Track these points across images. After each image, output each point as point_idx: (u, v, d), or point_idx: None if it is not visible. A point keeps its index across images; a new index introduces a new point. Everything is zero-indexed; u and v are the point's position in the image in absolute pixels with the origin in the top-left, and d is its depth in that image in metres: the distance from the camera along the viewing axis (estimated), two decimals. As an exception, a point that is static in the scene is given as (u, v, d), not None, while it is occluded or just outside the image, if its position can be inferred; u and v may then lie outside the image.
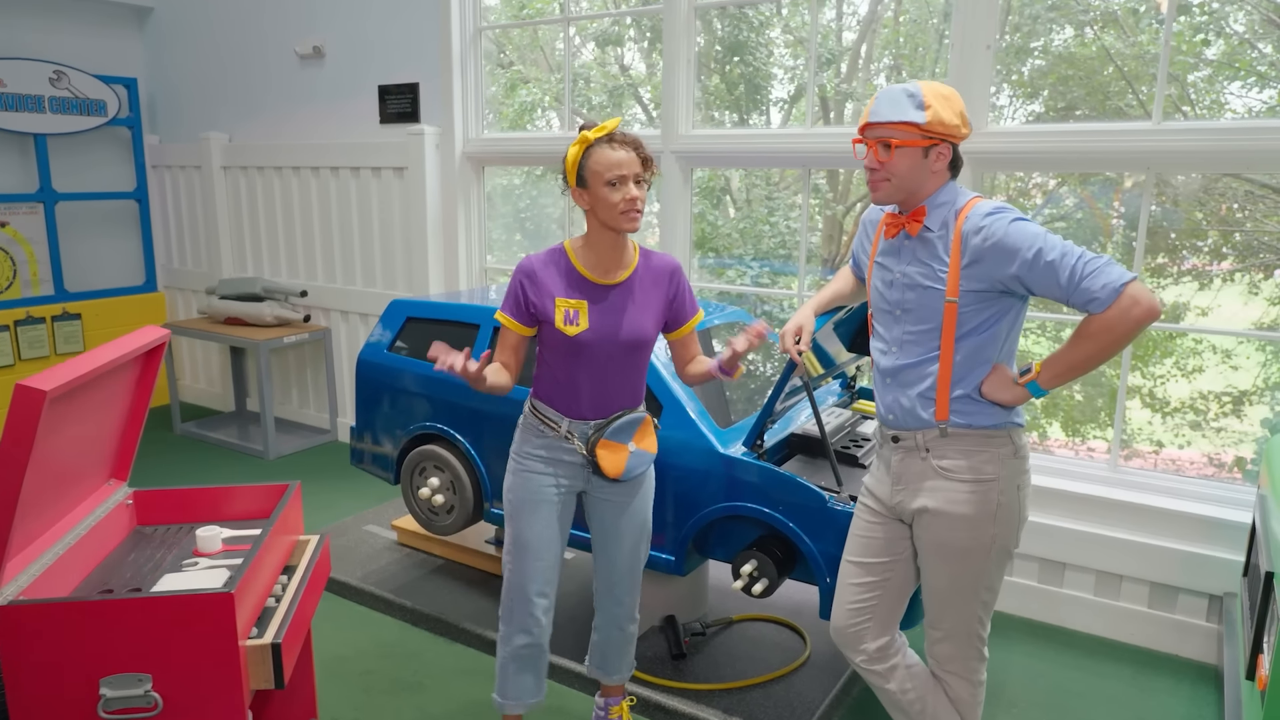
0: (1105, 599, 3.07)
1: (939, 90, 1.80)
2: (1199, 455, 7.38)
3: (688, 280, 2.18)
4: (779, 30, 6.95)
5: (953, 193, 1.86)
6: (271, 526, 2.01)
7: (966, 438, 1.86)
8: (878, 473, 2.03)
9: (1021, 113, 7.00)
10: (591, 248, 2.07)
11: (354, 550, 3.57)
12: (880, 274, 1.96)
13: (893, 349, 1.93)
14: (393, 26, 4.55)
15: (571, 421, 2.11)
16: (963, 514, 1.86)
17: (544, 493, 2.14)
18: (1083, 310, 1.72)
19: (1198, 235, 6.91)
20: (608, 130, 2.00)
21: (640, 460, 2.15)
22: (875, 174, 1.84)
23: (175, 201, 5.84)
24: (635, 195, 1.97)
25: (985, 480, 1.86)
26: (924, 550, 1.95)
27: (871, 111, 1.82)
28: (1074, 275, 1.69)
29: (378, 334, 3.16)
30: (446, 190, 4.53)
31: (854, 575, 2.05)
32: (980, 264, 1.77)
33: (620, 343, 2.06)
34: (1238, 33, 6.26)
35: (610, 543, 2.23)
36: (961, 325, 1.83)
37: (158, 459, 4.85)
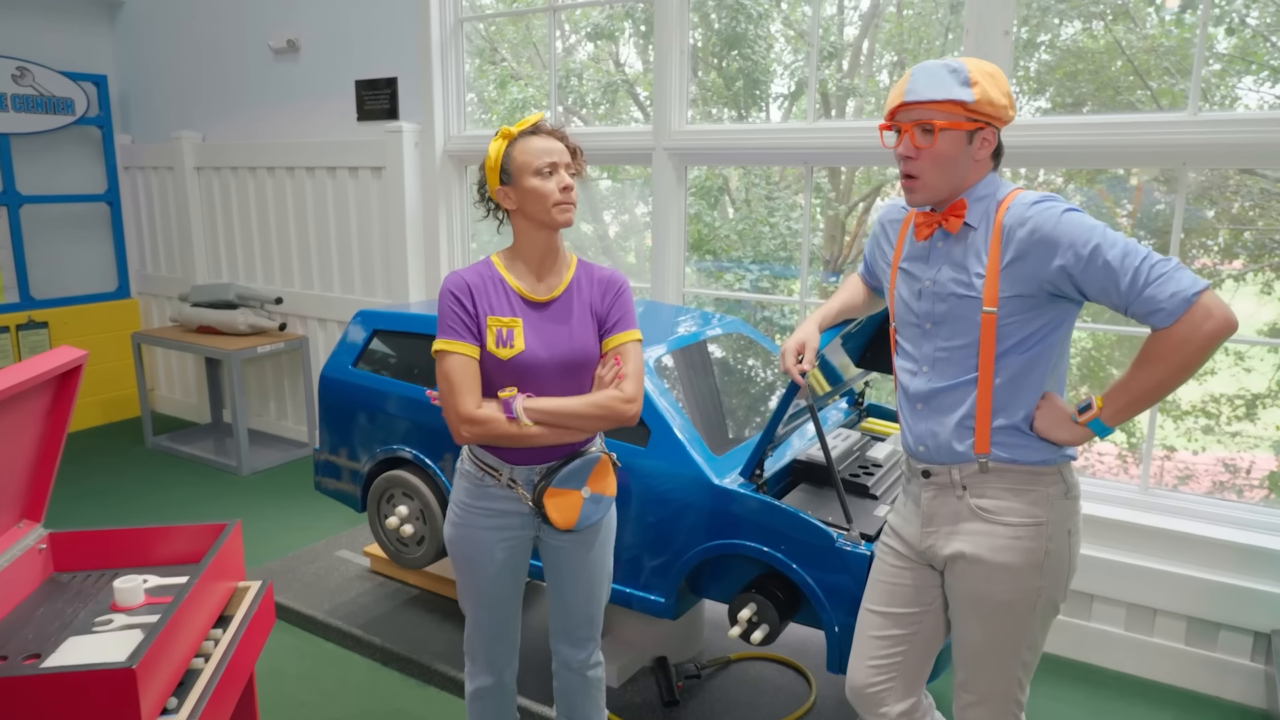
0: (1138, 634, 2.82)
1: (984, 67, 1.55)
2: (1213, 460, 7.14)
3: (629, 298, 1.93)
4: (779, 23, 6.69)
5: (994, 184, 1.61)
6: (200, 575, 1.76)
7: (1010, 474, 1.61)
8: (905, 511, 1.77)
9: (1028, 109, 6.76)
10: (522, 257, 1.85)
11: (323, 579, 3.32)
12: (906, 282, 1.70)
13: (923, 369, 1.67)
14: (370, 17, 4.29)
15: (514, 468, 1.86)
16: (1004, 562, 1.60)
17: (491, 548, 1.90)
18: (1144, 322, 1.46)
19: (1207, 234, 6.67)
20: (532, 122, 1.84)
21: (597, 507, 1.89)
22: (911, 164, 1.58)
23: (148, 204, 5.58)
24: (569, 183, 1.79)
25: (1031, 524, 1.60)
26: (957, 602, 1.69)
27: (908, 89, 1.55)
28: (1137, 280, 1.43)
29: (342, 348, 2.90)
30: (427, 191, 4.27)
31: (876, 627, 1.79)
32: (1024, 261, 1.52)
33: (561, 364, 1.82)
34: (1250, 25, 6.03)
35: (565, 587, 2.00)
36: (1002, 340, 1.57)
37: (125, 475, 4.59)
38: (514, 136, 1.81)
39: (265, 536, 3.81)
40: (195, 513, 4.09)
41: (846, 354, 2.31)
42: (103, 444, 5.13)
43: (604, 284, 1.90)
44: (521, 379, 1.80)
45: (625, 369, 1.84)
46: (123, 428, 5.43)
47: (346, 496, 2.91)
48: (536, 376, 1.80)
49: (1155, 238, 6.81)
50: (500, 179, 1.81)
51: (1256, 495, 6.94)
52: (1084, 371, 7.20)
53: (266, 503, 4.22)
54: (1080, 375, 7.21)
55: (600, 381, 1.85)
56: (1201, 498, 2.83)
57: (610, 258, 8.06)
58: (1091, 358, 7.12)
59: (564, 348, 1.82)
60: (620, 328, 1.88)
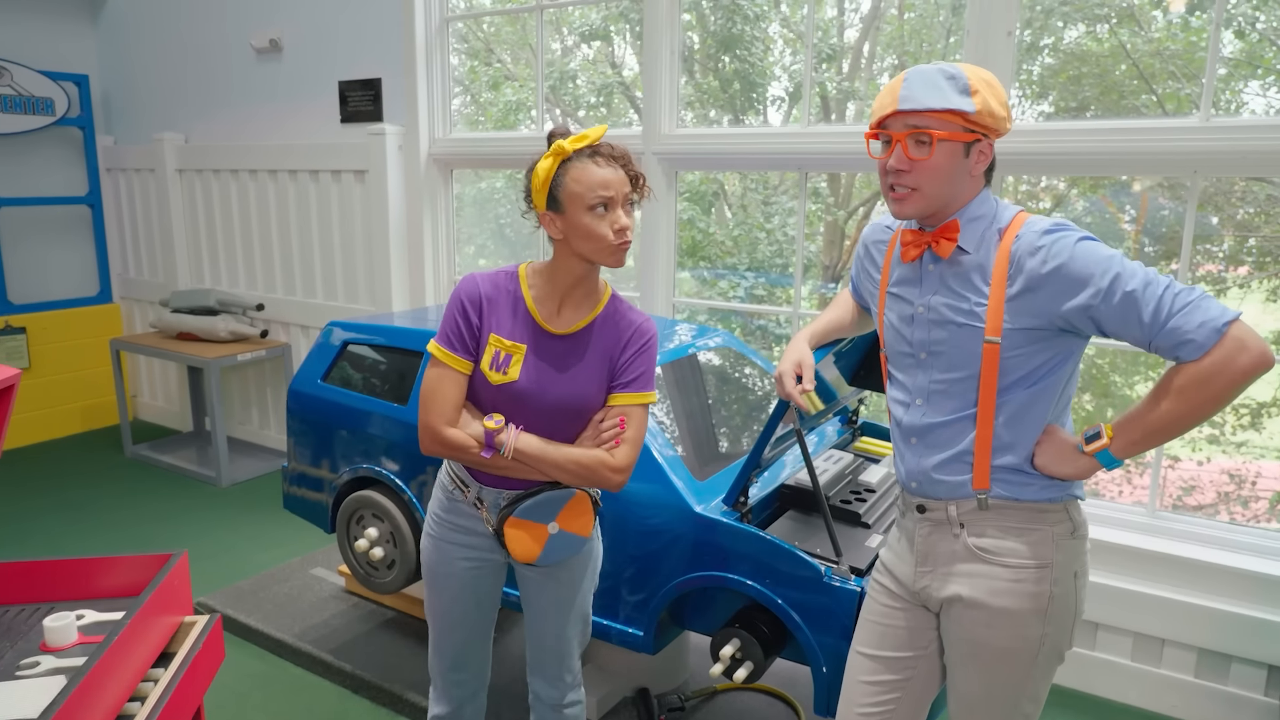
0: (1145, 665, 2.68)
1: (982, 74, 1.41)
2: (1218, 470, 7.01)
3: (653, 353, 1.72)
4: (777, 24, 6.57)
5: (990, 204, 1.47)
6: (136, 611, 1.63)
7: (1011, 512, 1.48)
8: (898, 547, 1.64)
9: (1031, 113, 6.64)
10: (553, 282, 1.67)
11: (296, 600, 3.19)
12: (896, 307, 1.56)
13: (917, 401, 1.53)
14: (354, 16, 4.17)
15: (482, 487, 1.74)
16: (1004, 607, 1.47)
17: (455, 565, 1.79)
18: (1170, 356, 1.33)
19: (1212, 240, 6.55)
20: (590, 140, 1.60)
21: (564, 545, 1.73)
22: (903, 177, 1.43)
23: (130, 207, 5.46)
24: (626, 224, 1.59)
25: (1034, 566, 1.47)
26: (954, 649, 1.55)
27: (902, 96, 1.41)
28: (1160, 311, 1.30)
29: (312, 360, 2.77)
30: (411, 195, 4.14)
31: (866, 671, 1.65)
32: (1036, 294, 1.38)
33: (554, 406, 1.67)
34: (1259, 30, 5.91)
35: (537, 621, 1.88)
36: (1006, 374, 1.43)
37: (101, 487, 4.46)
38: (568, 155, 1.59)
39: (239, 553, 3.68)
40: (170, 527, 3.97)
41: (840, 371, 2.18)
42: (80, 453, 5.01)
43: (631, 332, 1.71)
44: (507, 408, 1.67)
45: (627, 433, 1.68)
46: (102, 436, 5.31)
47: (315, 516, 2.78)
48: (524, 410, 1.66)
49: (1161, 244, 6.69)
50: (547, 203, 1.61)
51: (1262, 507, 6.81)
52: (1086, 380, 7.08)
53: (244, 516, 4.09)
54: (1083, 383, 7.08)
55: (596, 431, 1.69)
56: (1212, 522, 2.70)
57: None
58: (1094, 365, 7.01)
59: (561, 390, 1.67)
60: (634, 387, 1.70)
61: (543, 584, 1.82)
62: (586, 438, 1.69)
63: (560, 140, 1.59)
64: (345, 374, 2.70)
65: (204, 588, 3.32)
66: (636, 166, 1.63)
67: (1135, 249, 6.64)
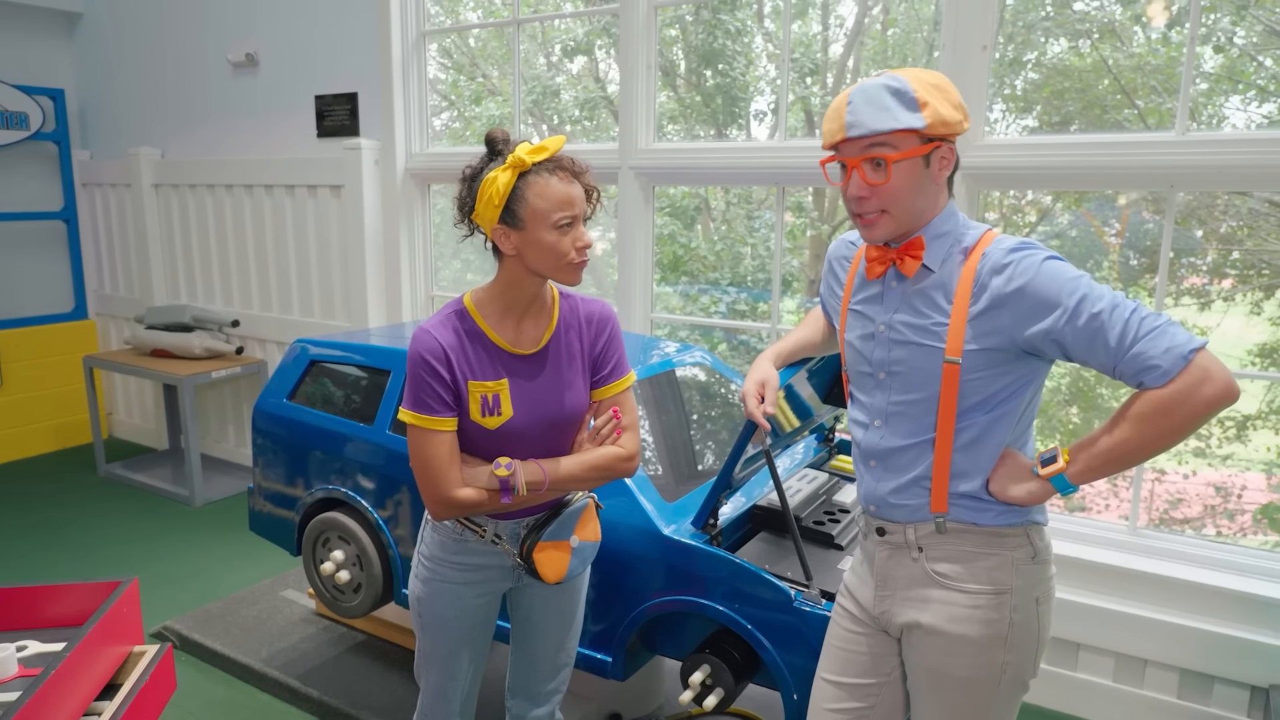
0: (1127, 686, 2.64)
1: (928, 79, 1.36)
2: (1203, 483, 7.00)
3: (620, 333, 1.74)
4: (760, 39, 6.57)
5: (956, 220, 1.43)
6: (79, 641, 1.57)
7: (970, 536, 1.43)
8: (861, 570, 1.59)
9: (1014, 128, 6.66)
10: (507, 303, 1.62)
11: (265, 623, 3.12)
12: (858, 325, 1.52)
13: (875, 423, 1.49)
14: (330, 30, 4.14)
15: (499, 523, 1.70)
16: (964, 634, 1.42)
17: (465, 605, 1.73)
18: (1133, 382, 1.29)
19: (1195, 253, 6.57)
20: (551, 153, 1.54)
21: (584, 555, 1.76)
22: (866, 203, 1.38)
23: (106, 222, 5.40)
24: (589, 241, 1.57)
25: (992, 592, 1.42)
26: (915, 676, 1.51)
27: (848, 123, 1.34)
28: (1126, 335, 1.26)
29: (278, 379, 2.71)
30: (388, 211, 4.10)
31: (830, 698, 1.60)
32: (999, 313, 1.33)
33: (550, 423, 1.65)
34: (1238, 45, 5.95)
35: (533, 637, 1.84)
36: (965, 397, 1.39)
37: (72, 506, 4.38)
38: (527, 168, 1.52)
39: (210, 574, 3.61)
40: (141, 548, 3.89)
41: (813, 389, 2.14)
42: (53, 472, 4.92)
43: (594, 324, 1.70)
44: (505, 444, 1.62)
45: (624, 420, 1.69)
46: (75, 455, 5.22)
47: (281, 538, 2.72)
48: (523, 439, 1.63)
49: (1145, 258, 6.69)
50: (502, 217, 1.54)
51: (1247, 520, 6.80)
52: (1072, 392, 7.07)
53: (217, 536, 4.02)
54: (1069, 395, 7.07)
55: (595, 433, 1.67)
56: (1194, 539, 2.66)
57: (594, 275, 7.90)
58: (1082, 378, 6.99)
59: (555, 407, 1.65)
60: (616, 374, 1.71)
61: (548, 598, 1.81)
62: (587, 439, 1.68)
63: (519, 152, 1.52)
64: (312, 392, 2.64)
65: (171, 611, 3.24)
66: (591, 179, 1.61)
67: (1117, 263, 6.65)
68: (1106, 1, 6.34)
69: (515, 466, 1.59)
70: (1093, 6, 6.45)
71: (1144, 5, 6.20)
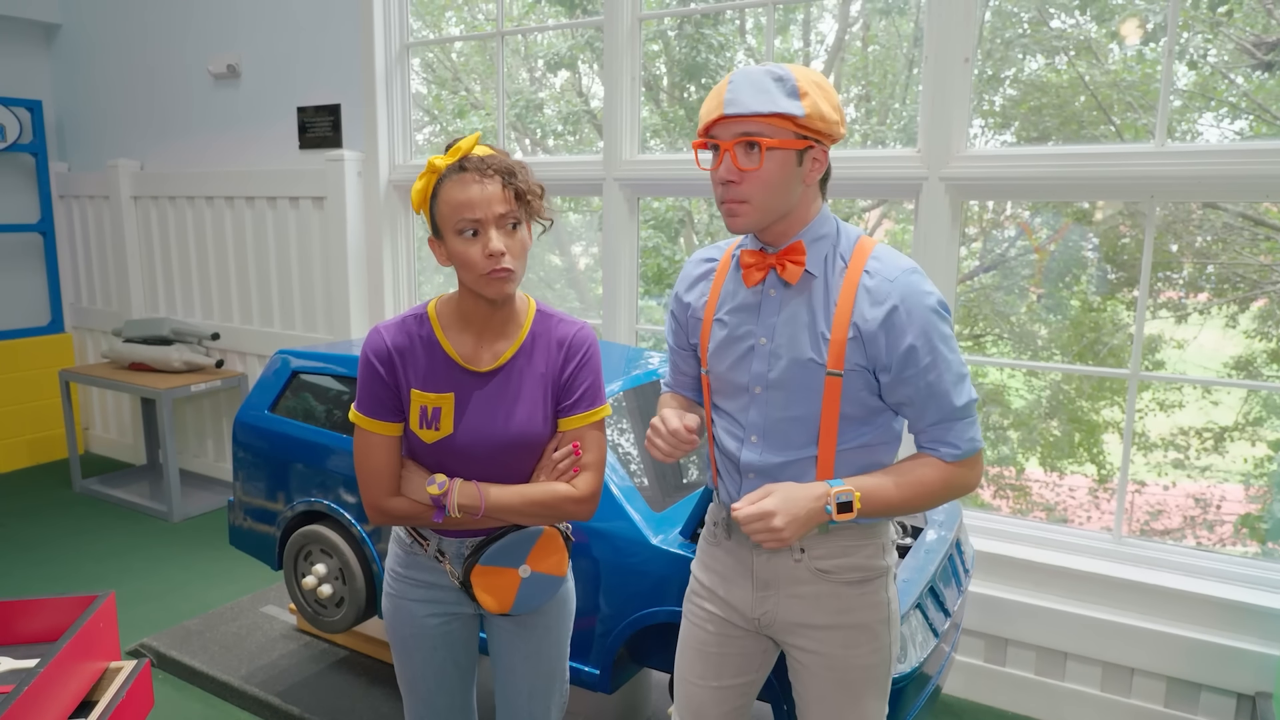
0: (1114, 695, 2.64)
1: (812, 76, 1.35)
2: (1183, 495, 7.06)
3: (597, 363, 1.59)
4: (742, 54, 6.61)
5: (831, 223, 1.43)
6: (53, 657, 1.53)
7: (849, 531, 1.47)
8: (724, 570, 1.54)
9: (993, 144, 6.73)
10: (464, 315, 1.53)
11: (244, 639, 3.06)
12: (726, 335, 1.46)
13: (752, 438, 1.45)
14: (312, 41, 4.12)
15: (442, 539, 1.61)
16: (858, 623, 1.48)
17: (422, 625, 1.65)
18: (928, 445, 1.39)
19: (1171, 267, 6.66)
20: (463, 152, 1.44)
21: (539, 589, 1.61)
22: (734, 189, 1.35)
23: (84, 234, 5.33)
24: (496, 249, 1.41)
25: (874, 577, 1.48)
26: (812, 673, 1.50)
27: (727, 100, 1.32)
28: (955, 406, 1.37)
29: (259, 390, 2.68)
30: (370, 223, 4.08)
31: (716, 701, 1.59)
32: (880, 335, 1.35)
33: (498, 447, 1.54)
34: (1209, 63, 6.06)
35: (508, 682, 1.73)
36: (847, 412, 1.40)
37: (46, 523, 4.30)
38: (442, 172, 1.43)
39: (188, 590, 3.55)
40: (118, 564, 3.82)
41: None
42: (27, 488, 4.83)
43: (566, 349, 1.56)
44: (449, 461, 1.54)
45: (585, 459, 1.55)
46: (50, 470, 5.13)
47: (262, 552, 2.68)
48: (467, 461, 1.54)
49: (1123, 271, 6.77)
50: (431, 228, 1.47)
51: (1227, 530, 6.85)
52: (1053, 405, 7.11)
53: (195, 552, 3.95)
54: (1049, 409, 7.11)
55: (551, 465, 1.55)
56: (1180, 548, 2.67)
57: (577, 289, 7.89)
58: (1061, 390, 7.04)
59: (504, 431, 1.53)
60: (583, 405, 1.56)
61: (513, 636, 1.68)
62: (542, 471, 1.57)
63: (434, 158, 1.45)
64: (294, 404, 2.61)
65: (149, 628, 3.18)
66: (523, 180, 1.45)
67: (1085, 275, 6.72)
68: (1083, 19, 6.44)
69: (450, 486, 1.50)
70: (1069, 24, 6.55)
71: (1119, 23, 6.31)
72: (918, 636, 1.87)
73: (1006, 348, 7.20)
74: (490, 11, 6.83)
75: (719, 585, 1.55)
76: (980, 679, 2.81)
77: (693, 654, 1.60)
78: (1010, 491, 7.32)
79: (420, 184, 1.47)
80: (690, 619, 1.61)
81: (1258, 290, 6.54)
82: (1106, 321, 6.81)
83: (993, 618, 2.74)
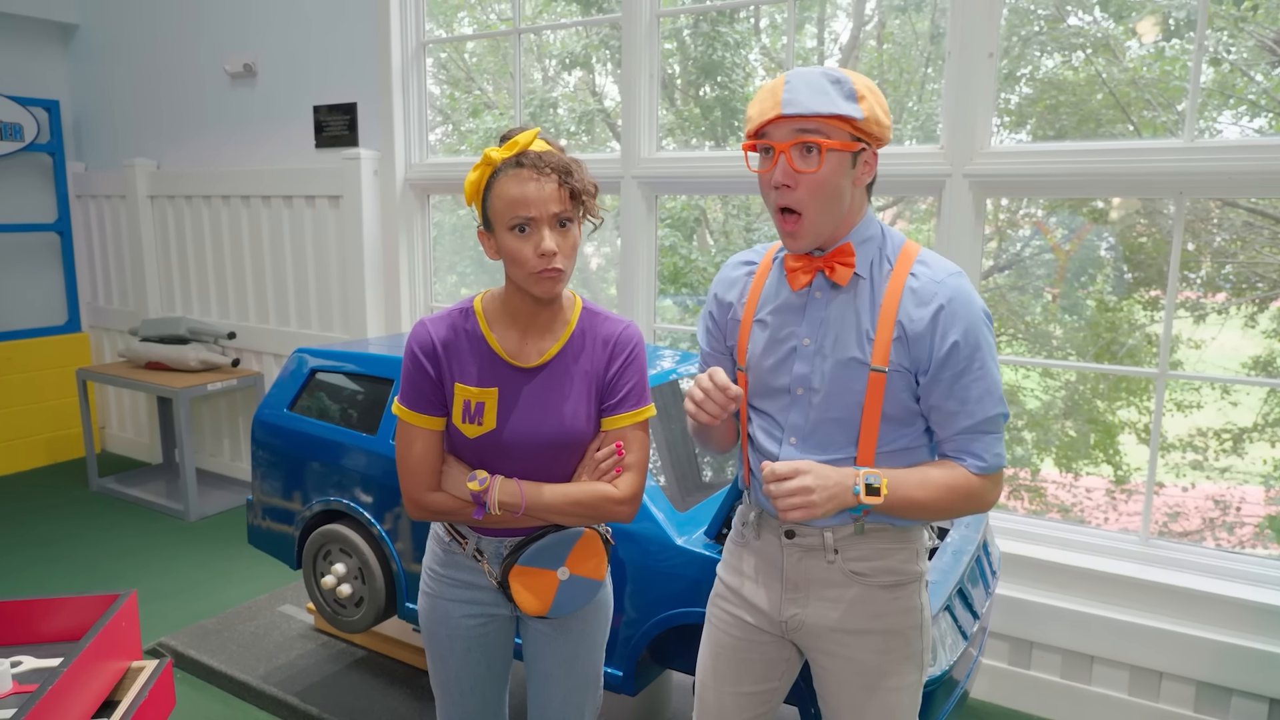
0: (1142, 699, 2.60)
1: (865, 81, 1.34)
2: (1202, 496, 6.99)
3: (643, 362, 1.57)
4: (756, 52, 6.59)
5: (876, 224, 1.41)
6: (75, 657, 1.51)
7: (884, 534, 1.44)
8: (752, 573, 1.51)
9: (1009, 142, 6.67)
10: (510, 311, 1.52)
11: (262, 639, 3.05)
12: (768, 336, 1.44)
13: (792, 439, 1.43)
14: (329, 40, 4.12)
15: (481, 538, 1.59)
16: (891, 628, 1.45)
17: (457, 625, 1.63)
18: (954, 454, 1.37)
19: (1189, 266, 6.59)
20: (521, 147, 1.42)
21: (578, 592, 1.58)
22: (788, 194, 1.31)
23: (101, 234, 5.35)
24: (549, 248, 1.40)
25: (908, 581, 1.46)
26: (843, 680, 1.47)
27: (785, 100, 1.28)
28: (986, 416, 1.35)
29: (278, 388, 2.67)
30: (386, 221, 4.07)
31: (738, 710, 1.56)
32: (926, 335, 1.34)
33: (542, 445, 1.52)
34: (1229, 60, 5.99)
35: (542, 688, 1.70)
36: (889, 412, 1.37)
37: (63, 521, 4.31)
38: (497, 165, 1.42)
39: (205, 590, 3.54)
40: (134, 563, 3.82)
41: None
42: (44, 486, 4.85)
43: (611, 346, 1.54)
44: (491, 458, 1.52)
45: (628, 459, 1.53)
46: (67, 469, 5.15)
47: (281, 551, 2.67)
48: (510, 458, 1.52)
49: (1140, 271, 6.70)
50: (482, 219, 1.46)
51: (1247, 532, 6.78)
52: (1069, 405, 7.05)
53: (212, 551, 3.95)
54: (1066, 409, 7.05)
55: (594, 465, 1.53)
56: (1208, 550, 2.63)
57: (589, 289, 7.88)
58: (1078, 391, 6.98)
59: (547, 428, 1.51)
60: (628, 405, 1.54)
61: (549, 640, 1.65)
62: (584, 471, 1.55)
63: (490, 150, 1.44)
64: (313, 403, 2.60)
65: (166, 627, 3.18)
66: (579, 179, 1.43)
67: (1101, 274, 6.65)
68: (1101, 16, 6.38)
69: (491, 482, 1.49)
70: (1087, 21, 6.49)
71: (1137, 21, 6.25)
72: (947, 639, 1.84)
73: (1022, 348, 7.15)
74: (503, 12, 6.83)
75: (745, 587, 1.53)
76: (1004, 682, 2.77)
77: (714, 659, 1.57)
78: (1025, 492, 7.27)
79: (474, 176, 1.45)
80: (713, 623, 1.58)
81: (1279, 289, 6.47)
82: (1123, 322, 6.75)
83: (1017, 620, 2.71)
